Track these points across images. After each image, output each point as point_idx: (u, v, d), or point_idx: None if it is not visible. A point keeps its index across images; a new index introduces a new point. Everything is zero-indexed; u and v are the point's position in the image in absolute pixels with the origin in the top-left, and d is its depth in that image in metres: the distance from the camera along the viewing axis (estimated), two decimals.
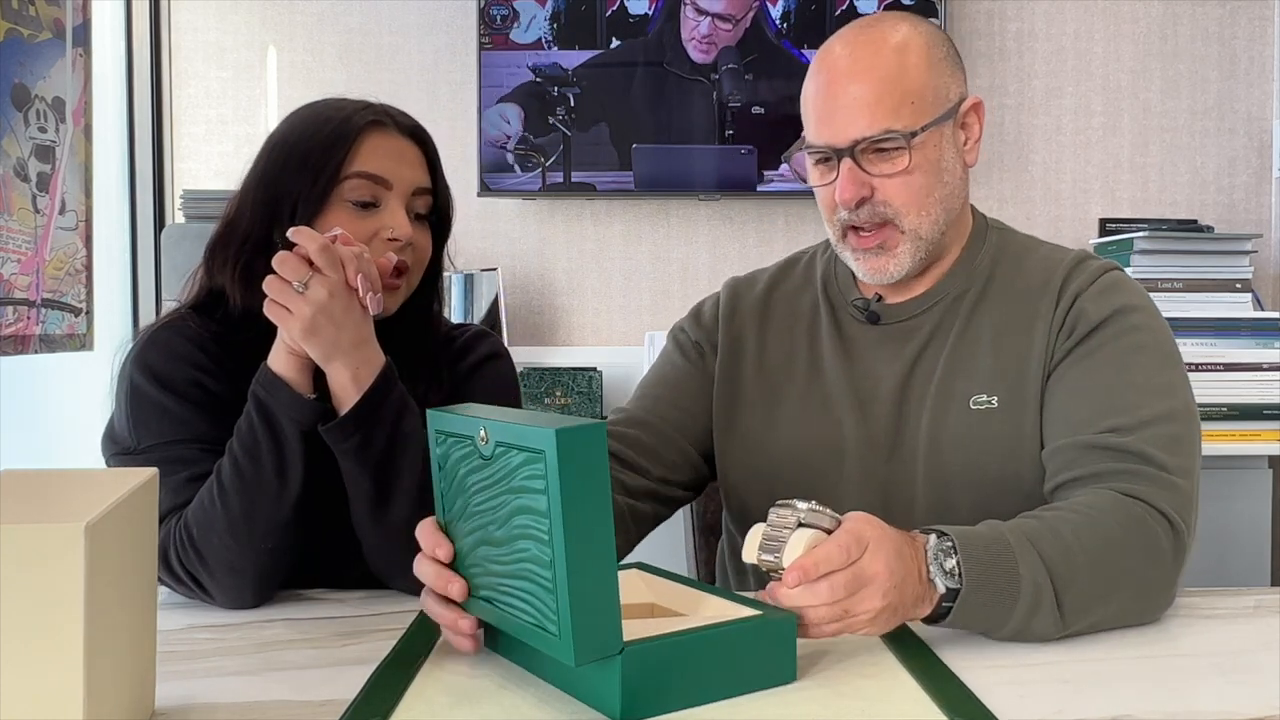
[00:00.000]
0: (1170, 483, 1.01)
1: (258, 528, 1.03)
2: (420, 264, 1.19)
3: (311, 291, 0.99)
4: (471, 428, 0.80)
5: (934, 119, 1.13)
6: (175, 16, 2.75)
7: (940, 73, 1.14)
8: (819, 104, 1.14)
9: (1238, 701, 0.80)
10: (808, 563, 0.83)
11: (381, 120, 1.16)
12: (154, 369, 1.11)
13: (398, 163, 1.15)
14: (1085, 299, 1.14)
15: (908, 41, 1.13)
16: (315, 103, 1.20)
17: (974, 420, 1.14)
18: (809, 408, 1.21)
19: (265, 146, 1.17)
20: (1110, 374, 1.09)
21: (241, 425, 1.05)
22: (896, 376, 1.18)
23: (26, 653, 0.61)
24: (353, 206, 1.13)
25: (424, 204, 1.19)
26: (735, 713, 0.77)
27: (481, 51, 2.60)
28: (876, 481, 1.17)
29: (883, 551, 0.85)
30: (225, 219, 1.17)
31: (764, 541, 0.88)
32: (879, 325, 1.22)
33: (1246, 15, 2.71)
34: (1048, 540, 0.94)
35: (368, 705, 0.77)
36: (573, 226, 2.75)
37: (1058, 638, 0.93)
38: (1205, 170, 2.73)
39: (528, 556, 0.76)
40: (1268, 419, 2.28)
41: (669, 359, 1.32)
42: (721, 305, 1.31)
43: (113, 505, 0.66)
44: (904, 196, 1.13)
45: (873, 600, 0.84)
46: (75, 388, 2.24)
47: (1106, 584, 0.94)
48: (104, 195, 2.36)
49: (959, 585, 0.89)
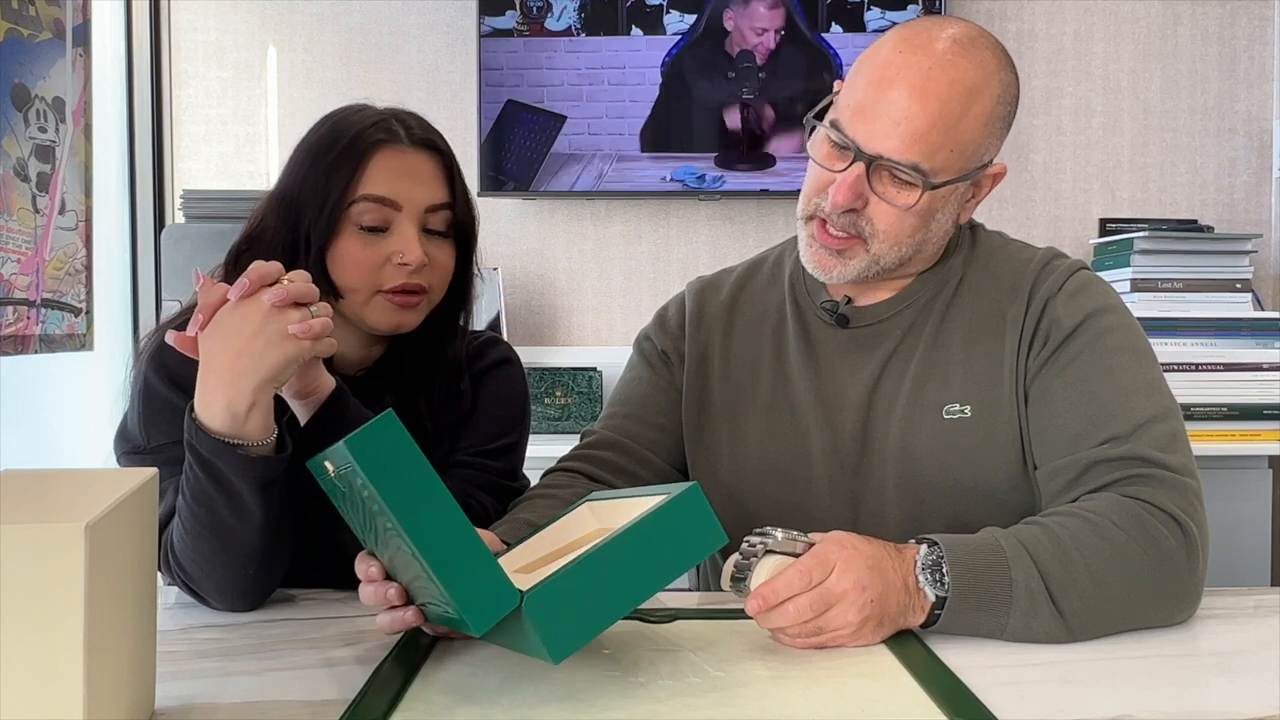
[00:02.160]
0: (1175, 482, 1.00)
1: (233, 560, 1.01)
2: (442, 283, 1.16)
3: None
4: (324, 462, 0.86)
5: (959, 176, 1.09)
6: (175, 16, 2.75)
7: (991, 133, 1.10)
8: (866, 95, 1.07)
9: (1238, 701, 0.80)
10: (766, 590, 0.87)
11: (390, 137, 1.12)
12: (168, 368, 1.10)
13: (408, 181, 1.12)
14: (1056, 305, 1.12)
15: (983, 89, 1.06)
16: (340, 110, 1.16)
17: (947, 429, 1.12)
18: (776, 417, 1.20)
19: (291, 157, 1.16)
20: (1095, 381, 1.07)
21: (188, 476, 0.99)
22: (864, 384, 1.16)
23: (26, 653, 0.61)
24: (362, 232, 1.11)
25: (441, 220, 1.15)
26: (735, 711, 0.77)
27: (481, 51, 2.60)
28: (845, 491, 1.16)
29: (852, 569, 0.88)
30: (249, 228, 1.17)
31: (735, 568, 0.92)
32: (847, 329, 1.19)
33: (1246, 15, 2.71)
34: (1043, 544, 0.94)
35: (368, 705, 0.77)
36: (573, 226, 2.76)
37: (1073, 641, 0.93)
38: (1205, 170, 2.73)
39: (405, 554, 0.79)
40: (1268, 419, 2.28)
41: (636, 373, 1.29)
42: (688, 311, 1.28)
43: (113, 505, 0.66)
44: (888, 226, 1.09)
45: (847, 615, 0.87)
46: (75, 388, 2.24)
47: (1111, 586, 0.94)
48: (104, 195, 2.36)
49: (947, 593, 0.90)
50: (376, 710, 0.76)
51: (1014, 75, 1.11)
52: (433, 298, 1.16)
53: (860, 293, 1.19)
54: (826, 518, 1.12)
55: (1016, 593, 0.91)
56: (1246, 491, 2.22)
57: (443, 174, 1.16)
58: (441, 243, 1.15)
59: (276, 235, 1.13)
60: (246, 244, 1.16)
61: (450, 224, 1.16)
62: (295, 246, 1.12)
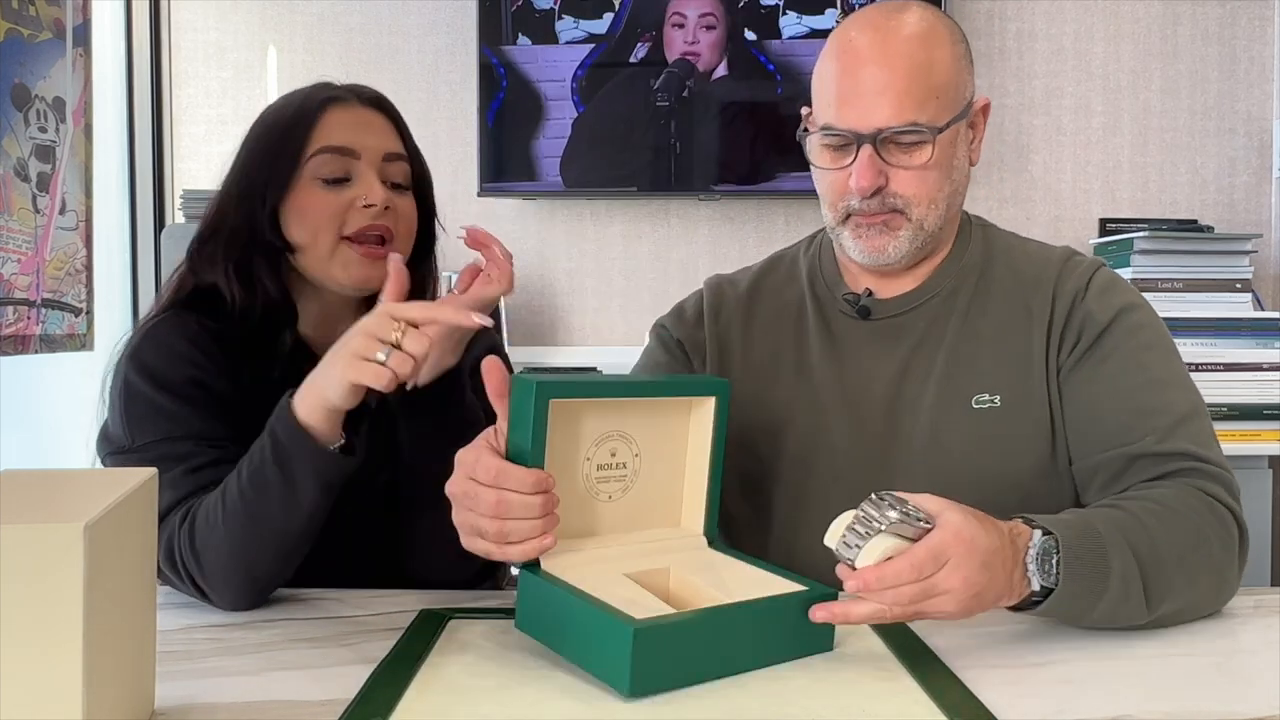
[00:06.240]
0: (1219, 475, 1.05)
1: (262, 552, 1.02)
2: (408, 232, 1.18)
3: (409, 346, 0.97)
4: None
5: (955, 116, 1.12)
6: (175, 16, 2.75)
7: (961, 69, 1.13)
8: (841, 86, 1.10)
9: (1238, 701, 0.80)
10: (872, 577, 0.83)
11: (340, 95, 1.17)
12: (149, 367, 1.10)
13: (362, 132, 1.15)
14: (1088, 301, 1.14)
15: (934, 32, 1.11)
16: (282, 95, 1.21)
17: (977, 419, 1.14)
18: (797, 408, 1.20)
19: (237, 154, 1.19)
20: (1132, 376, 1.10)
21: (253, 458, 1.02)
22: (890, 376, 1.17)
23: (26, 653, 0.61)
24: (323, 184, 1.13)
25: (400, 171, 1.18)
26: (734, 710, 0.77)
27: (481, 52, 2.60)
28: (870, 483, 1.16)
29: (964, 567, 0.84)
30: (207, 219, 1.18)
31: (846, 534, 0.86)
32: (869, 321, 1.20)
33: (1246, 15, 2.71)
34: (1136, 532, 0.95)
35: (368, 705, 0.77)
36: (573, 226, 2.76)
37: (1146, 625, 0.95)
38: (1205, 170, 2.73)
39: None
40: (1268, 419, 2.28)
41: (654, 356, 1.29)
42: (705, 304, 1.29)
43: (113, 505, 0.66)
44: (917, 189, 1.12)
45: (944, 606, 0.85)
46: (75, 388, 2.24)
47: (1190, 573, 0.96)
48: (104, 195, 2.36)
49: (1054, 584, 0.90)
50: (376, 710, 0.76)
51: (950, 18, 1.18)
52: (400, 247, 1.16)
53: (883, 284, 1.21)
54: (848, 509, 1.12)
55: (1113, 581, 0.91)
56: (1246, 491, 2.18)
57: (393, 129, 1.19)
58: (403, 194, 1.18)
59: (235, 223, 1.15)
60: (206, 236, 1.17)
61: (409, 177, 1.19)
62: (253, 229, 1.14)
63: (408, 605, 1.03)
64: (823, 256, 1.26)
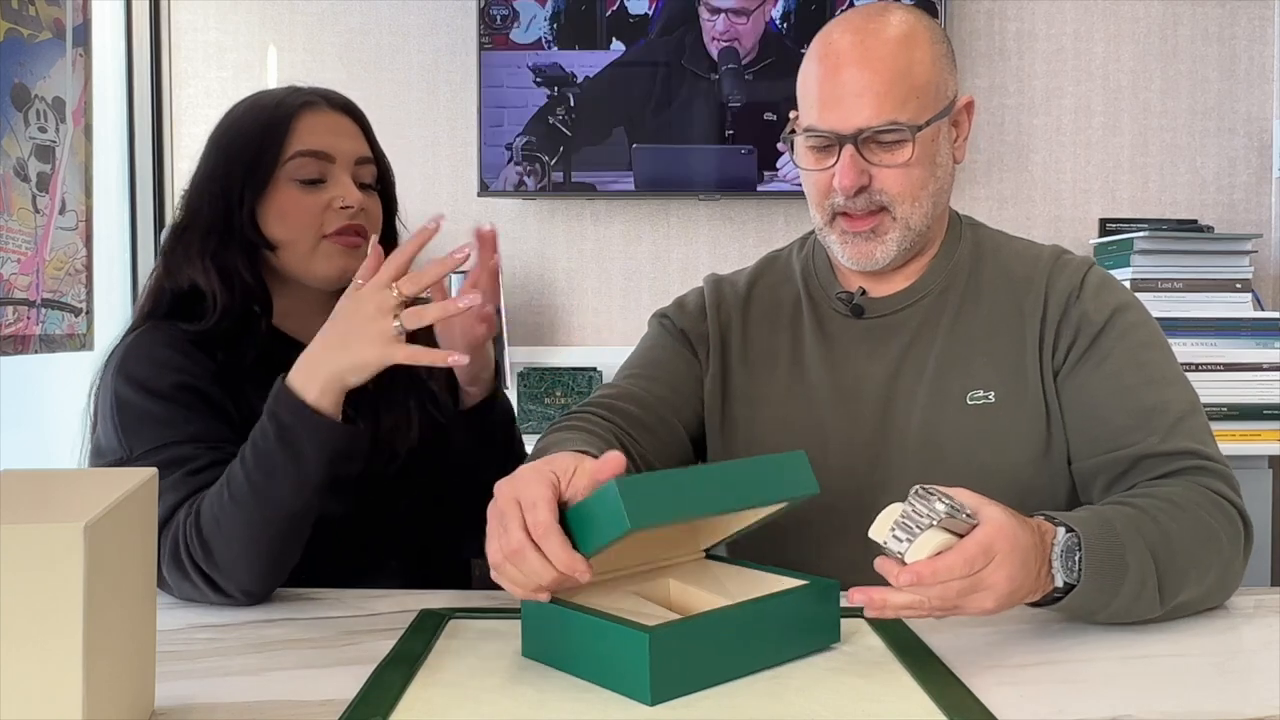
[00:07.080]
0: (1222, 472, 1.06)
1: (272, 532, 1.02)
2: (377, 230, 1.23)
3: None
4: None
5: (936, 114, 1.13)
6: (175, 16, 2.75)
7: (941, 69, 1.15)
8: (823, 89, 1.13)
9: (1238, 701, 0.80)
10: (925, 571, 0.83)
11: (313, 100, 1.21)
12: (137, 378, 1.11)
13: (336, 136, 1.21)
14: (1083, 300, 1.16)
15: (914, 34, 1.13)
16: (249, 96, 1.25)
17: (971, 416, 1.15)
18: (792, 405, 1.21)
19: (208, 144, 1.22)
20: (1132, 376, 1.11)
21: (257, 445, 1.03)
22: (883, 374, 1.19)
23: (26, 653, 0.61)
24: (299, 185, 1.18)
25: (369, 174, 1.23)
26: (734, 710, 0.77)
27: (481, 52, 2.60)
28: (862, 480, 1.17)
29: (1008, 565, 0.85)
30: (179, 219, 1.21)
31: (895, 528, 0.85)
32: (862, 320, 1.22)
33: (1246, 15, 2.71)
34: (1150, 528, 0.96)
35: (368, 705, 0.77)
36: (573, 226, 2.75)
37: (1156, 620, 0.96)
38: (1205, 170, 2.73)
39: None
40: (1268, 419, 2.28)
41: (656, 341, 1.30)
42: (707, 299, 1.30)
43: (112, 505, 0.66)
44: (901, 186, 1.13)
45: (983, 603, 0.85)
46: (75, 388, 2.24)
47: (1201, 568, 0.97)
48: (104, 195, 2.35)
49: (1077, 580, 0.90)
50: (376, 710, 0.76)
51: (930, 18, 1.19)
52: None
53: (875, 284, 1.22)
54: (843, 506, 1.12)
55: (1130, 577, 0.92)
56: (1246, 491, 2.18)
57: (361, 133, 1.24)
58: (372, 194, 1.24)
59: (210, 220, 1.18)
60: (180, 232, 1.20)
61: (376, 178, 1.25)
62: (229, 225, 1.17)
63: (408, 605, 1.03)
64: (815, 256, 1.28)
